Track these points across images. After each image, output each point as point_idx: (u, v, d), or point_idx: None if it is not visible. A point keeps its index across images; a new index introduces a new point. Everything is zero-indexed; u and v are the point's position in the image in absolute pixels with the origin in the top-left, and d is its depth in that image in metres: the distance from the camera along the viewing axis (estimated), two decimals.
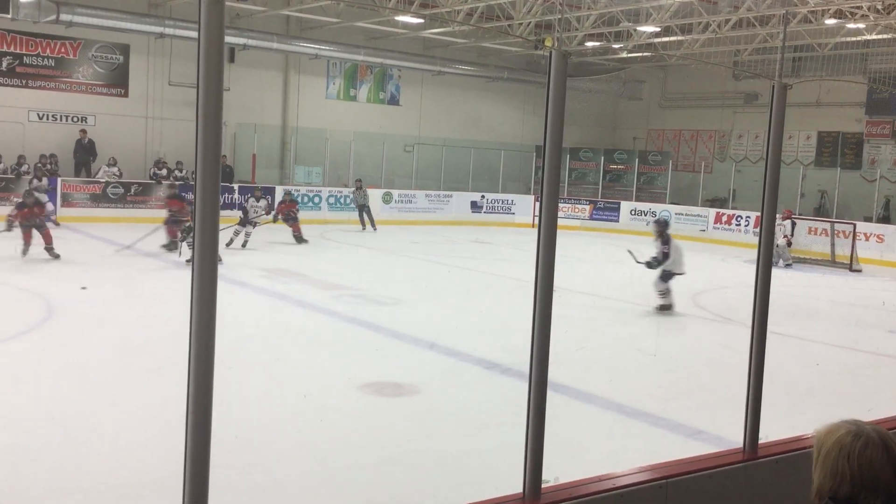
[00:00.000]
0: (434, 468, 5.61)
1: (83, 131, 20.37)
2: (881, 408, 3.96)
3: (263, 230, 19.08)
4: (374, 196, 23.40)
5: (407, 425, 6.52)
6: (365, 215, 21.20)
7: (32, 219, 13.20)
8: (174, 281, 11.82)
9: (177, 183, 16.43)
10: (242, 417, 6.12)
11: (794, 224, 18.78)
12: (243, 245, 15.78)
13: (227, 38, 15.24)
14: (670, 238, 11.77)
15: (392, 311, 11.04)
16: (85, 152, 20.27)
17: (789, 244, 18.28)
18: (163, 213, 15.11)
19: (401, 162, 24.88)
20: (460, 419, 6.73)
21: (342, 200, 22.74)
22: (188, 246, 13.11)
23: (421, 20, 21.32)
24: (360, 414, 6.71)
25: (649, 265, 11.66)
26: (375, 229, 20.86)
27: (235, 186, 20.97)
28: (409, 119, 25.82)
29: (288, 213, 17.65)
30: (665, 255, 11.54)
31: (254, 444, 5.76)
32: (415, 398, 7.21)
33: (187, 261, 13.09)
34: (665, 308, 11.52)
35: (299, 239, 17.26)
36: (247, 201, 16.84)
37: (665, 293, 11.55)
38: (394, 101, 25.87)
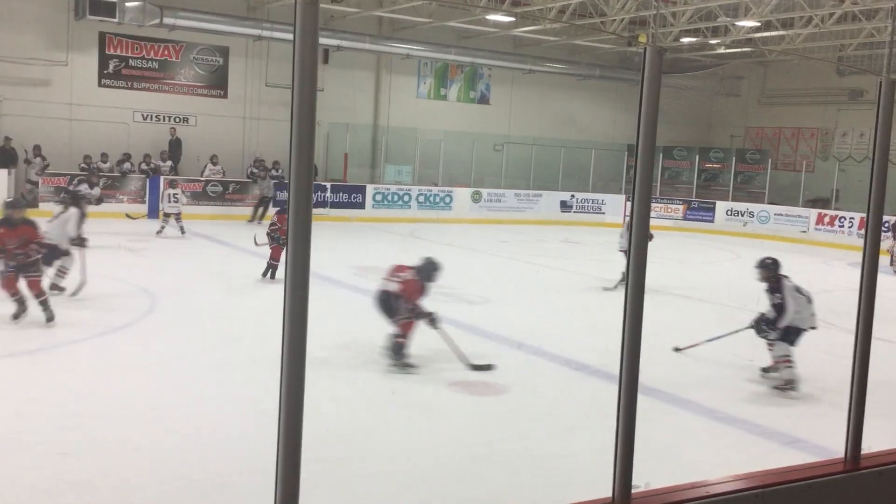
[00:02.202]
0: (523, 469, 5.58)
1: (172, 129, 21.08)
2: None
3: (355, 227, 19.41)
4: (464, 195, 23.45)
5: (495, 424, 6.51)
6: (263, 209, 19.48)
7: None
8: (270, 278, 12.11)
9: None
10: (334, 413, 6.24)
11: None
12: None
13: (322, 40, 15.51)
14: (783, 283, 8.06)
15: (481, 310, 11.04)
16: (174, 151, 20.98)
17: None
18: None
19: (490, 161, 24.87)
20: (549, 420, 6.69)
21: (431, 199, 22.89)
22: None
23: (512, 18, 21.27)
24: (448, 412, 6.75)
25: (758, 328, 8.12)
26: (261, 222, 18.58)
27: (328, 185, 21.38)
28: (499, 118, 25.79)
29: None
30: (780, 308, 7.89)
31: (344, 439, 5.85)
32: (503, 398, 7.19)
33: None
34: (788, 384, 7.78)
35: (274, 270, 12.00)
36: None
37: (786, 360, 7.85)
38: (484, 99, 25.88)
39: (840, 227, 21.79)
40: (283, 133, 19.66)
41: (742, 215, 24.07)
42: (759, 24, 20.73)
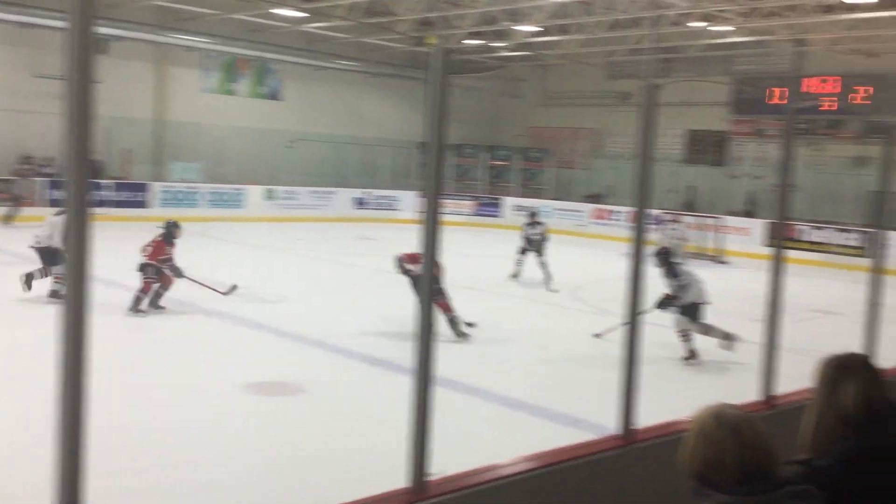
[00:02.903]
0: (322, 467, 5.57)
1: None
2: (748, 392, 4.20)
3: (140, 226, 18.42)
4: (256, 192, 22.91)
5: (294, 425, 6.45)
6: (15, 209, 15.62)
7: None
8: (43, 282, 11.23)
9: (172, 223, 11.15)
10: (124, 423, 5.90)
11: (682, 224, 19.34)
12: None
13: (99, 29, 14.48)
14: (678, 268, 9.37)
15: (277, 309, 10.87)
16: None
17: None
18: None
19: (283, 158, 24.48)
20: (348, 416, 6.71)
21: (223, 197, 22.22)
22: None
23: (301, 14, 21.02)
24: (245, 416, 6.59)
25: (662, 305, 9.07)
26: None
27: (112, 183, 20.16)
28: (291, 114, 25.41)
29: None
30: (682, 289, 9.11)
31: (136, 449, 5.57)
32: (302, 397, 7.13)
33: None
34: (691, 356, 9.11)
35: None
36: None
37: (685, 334, 9.12)
38: (275, 95, 25.39)
39: (613, 220, 23.48)
40: (56, 127, 18.26)
41: (527, 210, 25.29)
42: (537, 29, 21.84)
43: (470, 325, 9.66)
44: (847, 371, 2.22)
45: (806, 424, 2.24)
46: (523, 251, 14.74)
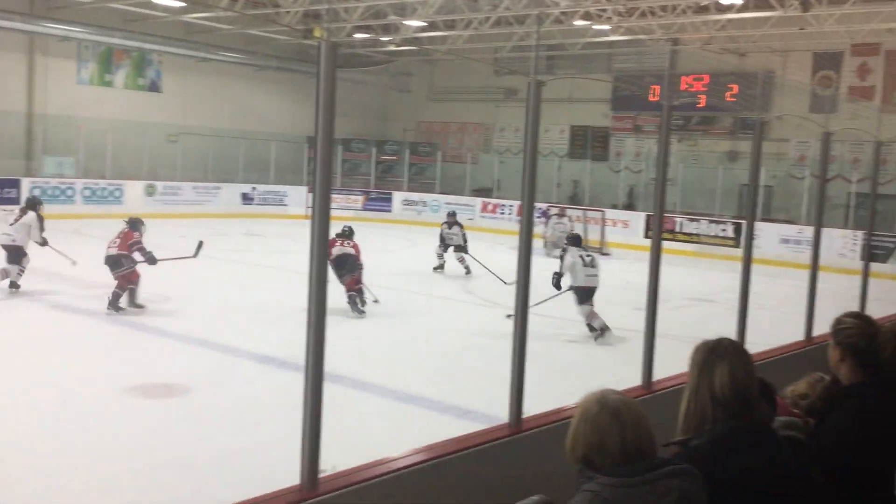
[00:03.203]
0: (209, 468, 5.45)
1: None
2: (630, 378, 4.37)
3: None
4: (136, 188, 22.09)
5: (178, 426, 6.28)
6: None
7: None
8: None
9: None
10: None
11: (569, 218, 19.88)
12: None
13: None
14: (565, 253, 10.30)
15: (160, 309, 10.54)
16: None
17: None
18: None
19: (164, 152, 23.67)
20: (236, 416, 6.59)
21: (99, 193, 21.32)
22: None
23: (182, 3, 20.38)
24: (126, 418, 6.37)
25: (556, 281, 10.05)
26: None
27: None
28: (173, 107, 24.60)
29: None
30: (568, 268, 10.06)
31: (12, 455, 5.31)
32: (186, 398, 6.95)
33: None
34: (602, 331, 9.92)
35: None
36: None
37: (593, 314, 9.97)
38: (154, 87, 24.51)
39: (502, 213, 23.86)
40: None
41: (417, 205, 25.41)
42: (425, 24, 21.92)
43: (375, 301, 10.99)
44: (718, 355, 2.34)
45: (682, 407, 2.35)
46: (444, 248, 15.36)
